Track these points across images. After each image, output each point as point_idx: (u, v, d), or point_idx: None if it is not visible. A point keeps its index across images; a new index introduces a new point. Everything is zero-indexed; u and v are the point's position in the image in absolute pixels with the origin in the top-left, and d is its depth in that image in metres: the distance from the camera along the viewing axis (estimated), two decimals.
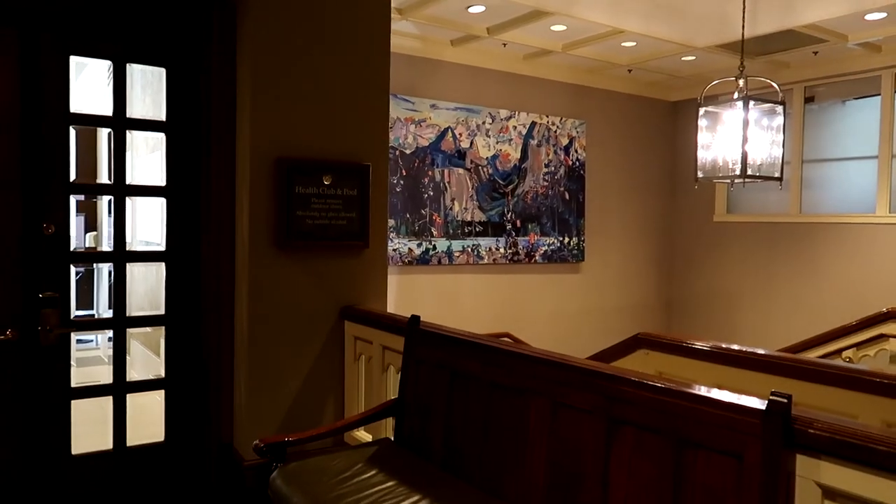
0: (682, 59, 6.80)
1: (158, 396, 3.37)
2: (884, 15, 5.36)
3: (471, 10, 5.52)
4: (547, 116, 7.20)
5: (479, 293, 6.84)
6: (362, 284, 3.39)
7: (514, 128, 6.98)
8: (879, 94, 6.48)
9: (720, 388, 1.77)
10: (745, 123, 4.33)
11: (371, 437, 3.10)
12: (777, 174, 4.49)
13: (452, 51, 6.50)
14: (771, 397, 1.53)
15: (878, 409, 2.12)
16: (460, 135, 6.64)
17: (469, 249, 6.74)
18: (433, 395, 2.63)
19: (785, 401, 1.51)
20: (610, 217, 7.78)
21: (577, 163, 7.43)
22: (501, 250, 6.95)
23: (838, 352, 4.34)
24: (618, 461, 1.88)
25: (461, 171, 6.67)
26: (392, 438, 2.82)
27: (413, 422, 2.71)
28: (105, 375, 5.69)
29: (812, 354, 4.34)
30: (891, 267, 6.23)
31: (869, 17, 5.41)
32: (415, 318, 2.80)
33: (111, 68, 3.01)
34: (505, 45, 6.35)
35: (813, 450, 1.48)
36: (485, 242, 6.83)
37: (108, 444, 3.18)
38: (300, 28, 3.17)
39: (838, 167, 6.98)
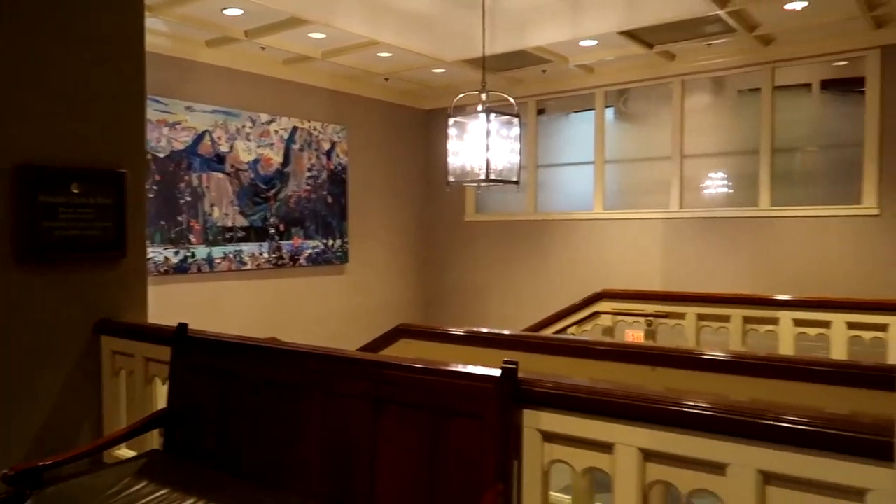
0: (433, 71, 7.34)
1: None
2: (595, 42, 6.34)
3: (226, 12, 5.46)
4: (309, 121, 7.31)
5: (243, 300, 6.75)
6: (120, 296, 3.25)
7: (276, 132, 7.00)
8: (594, 109, 7.61)
9: (472, 365, 2.07)
10: (488, 133, 4.83)
11: (136, 452, 2.99)
12: (515, 178, 5.08)
13: (209, 52, 6.34)
14: (503, 365, 1.85)
15: (588, 370, 2.62)
16: (219, 138, 6.49)
17: (231, 256, 6.62)
18: (205, 400, 2.64)
19: (514, 367, 1.84)
20: (371, 219, 8.12)
21: (340, 167, 7.66)
22: (265, 255, 6.92)
23: (566, 328, 5.08)
24: (384, 436, 2.11)
25: (220, 175, 6.52)
26: (161, 450, 2.78)
27: (184, 429, 2.69)
28: None
29: (548, 332, 5.02)
30: (604, 255, 7.39)
31: (583, 43, 6.36)
32: (182, 326, 2.78)
33: None
34: (264, 48, 6.35)
35: (535, 403, 1.83)
36: (248, 248, 6.76)
37: None
38: (43, 26, 2.94)
39: (565, 171, 8.07)
